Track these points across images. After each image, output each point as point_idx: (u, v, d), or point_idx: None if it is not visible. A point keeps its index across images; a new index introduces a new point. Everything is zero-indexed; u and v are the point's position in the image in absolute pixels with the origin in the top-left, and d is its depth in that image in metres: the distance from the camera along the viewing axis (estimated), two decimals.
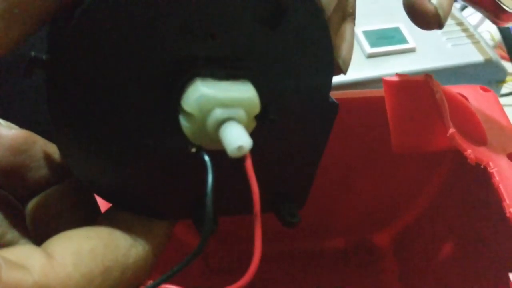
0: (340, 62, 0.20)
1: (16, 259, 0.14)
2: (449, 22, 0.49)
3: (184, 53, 0.16)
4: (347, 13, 0.21)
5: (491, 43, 0.56)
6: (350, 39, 0.21)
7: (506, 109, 0.33)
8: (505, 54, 0.54)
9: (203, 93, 0.15)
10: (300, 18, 0.16)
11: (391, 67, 0.45)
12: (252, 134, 0.16)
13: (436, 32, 0.47)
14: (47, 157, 0.18)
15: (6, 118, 0.19)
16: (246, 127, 0.15)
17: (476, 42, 0.47)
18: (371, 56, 0.45)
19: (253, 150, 0.15)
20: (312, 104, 0.18)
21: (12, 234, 0.18)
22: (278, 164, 0.20)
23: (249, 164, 0.15)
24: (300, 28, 0.17)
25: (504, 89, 0.52)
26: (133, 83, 0.16)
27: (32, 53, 0.15)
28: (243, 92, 0.16)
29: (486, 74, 0.46)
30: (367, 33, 0.47)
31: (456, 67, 0.45)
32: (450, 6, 0.23)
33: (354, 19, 0.21)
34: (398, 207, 0.41)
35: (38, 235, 0.18)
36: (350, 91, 0.34)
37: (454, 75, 0.45)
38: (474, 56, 0.46)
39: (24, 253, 0.15)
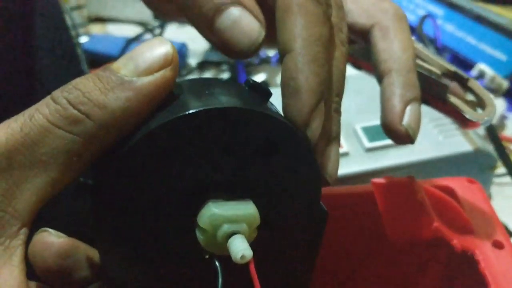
0: (327, 177, 0.24)
1: None
2: (440, 116, 0.54)
3: (199, 183, 0.20)
4: (331, 138, 0.24)
5: (481, 131, 0.60)
6: (335, 159, 0.24)
7: (500, 188, 0.35)
8: None
9: (214, 213, 0.19)
10: (289, 149, 0.21)
11: (388, 159, 0.48)
12: (255, 240, 0.20)
13: (428, 126, 0.52)
14: (89, 260, 0.22)
15: None
16: (249, 237, 0.19)
17: (465, 133, 0.51)
18: (369, 150, 0.49)
19: (257, 252, 0.19)
20: (304, 214, 0.22)
21: None
22: (279, 262, 0.23)
23: (252, 268, 0.19)
24: (290, 156, 0.21)
25: (498, 170, 0.55)
26: (161, 206, 0.20)
27: (81, 179, 0.19)
28: (246, 210, 0.20)
29: (476, 162, 0.49)
30: (365, 129, 0.51)
31: (448, 157, 0.49)
32: (419, 125, 0.27)
33: (338, 141, 0.25)
34: None
35: None
36: (347, 186, 0.38)
37: (447, 164, 0.49)
38: (464, 146, 0.49)
39: None
